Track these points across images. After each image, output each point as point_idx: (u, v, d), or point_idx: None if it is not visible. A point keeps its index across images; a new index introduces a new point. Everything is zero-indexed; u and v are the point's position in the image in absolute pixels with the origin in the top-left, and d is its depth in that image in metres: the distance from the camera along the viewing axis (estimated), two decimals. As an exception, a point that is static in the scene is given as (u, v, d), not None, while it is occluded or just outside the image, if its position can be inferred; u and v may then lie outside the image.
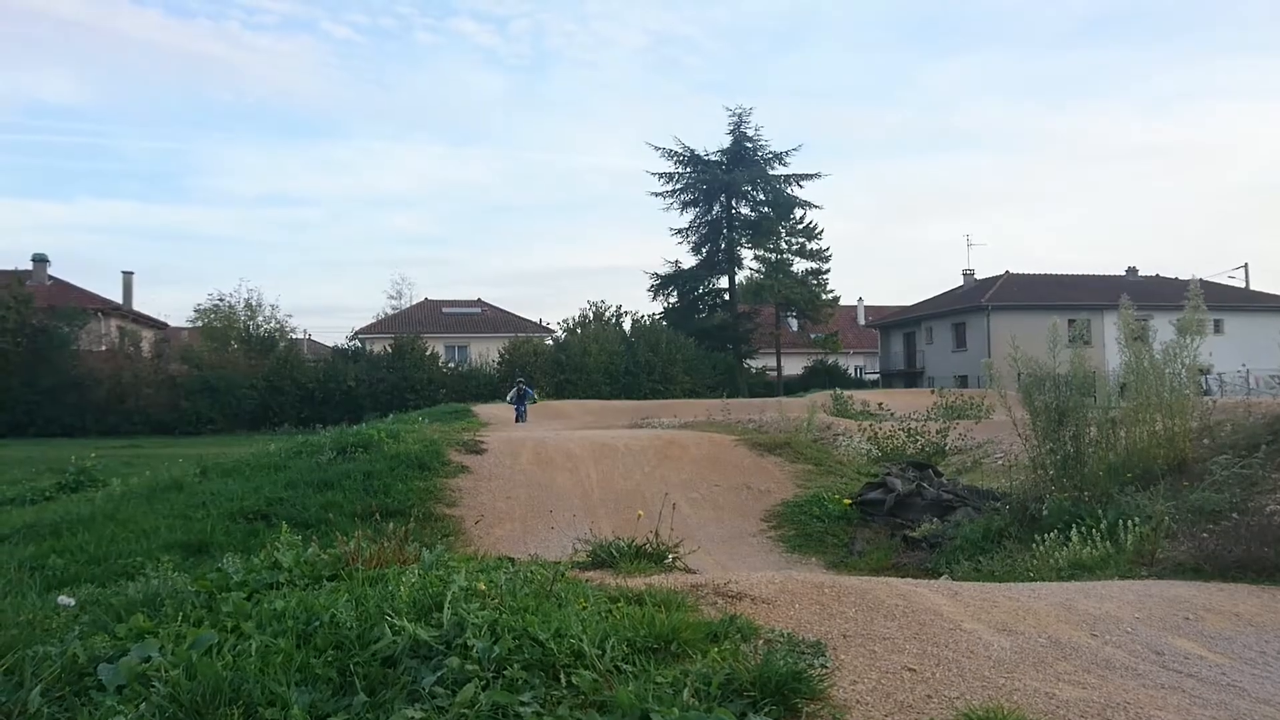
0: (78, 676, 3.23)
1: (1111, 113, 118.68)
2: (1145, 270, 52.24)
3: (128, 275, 48.89)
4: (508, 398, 27.73)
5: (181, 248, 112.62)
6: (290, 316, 61.49)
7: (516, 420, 25.14)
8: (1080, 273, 51.33)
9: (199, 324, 46.59)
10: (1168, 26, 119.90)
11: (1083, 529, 7.11)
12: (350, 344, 47.08)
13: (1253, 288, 51.67)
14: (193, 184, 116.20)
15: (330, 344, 55.71)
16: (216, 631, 3.46)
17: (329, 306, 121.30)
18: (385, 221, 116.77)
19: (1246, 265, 54.38)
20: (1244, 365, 39.91)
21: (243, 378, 37.62)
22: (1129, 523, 6.88)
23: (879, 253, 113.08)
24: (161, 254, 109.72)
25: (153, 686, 3.00)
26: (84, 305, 39.21)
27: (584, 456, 12.47)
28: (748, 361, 50.14)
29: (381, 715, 2.82)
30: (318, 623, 3.44)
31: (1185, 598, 5.07)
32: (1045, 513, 7.84)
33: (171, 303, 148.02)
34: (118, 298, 46.70)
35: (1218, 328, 41.07)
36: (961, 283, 54.33)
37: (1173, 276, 48.17)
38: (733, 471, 12.42)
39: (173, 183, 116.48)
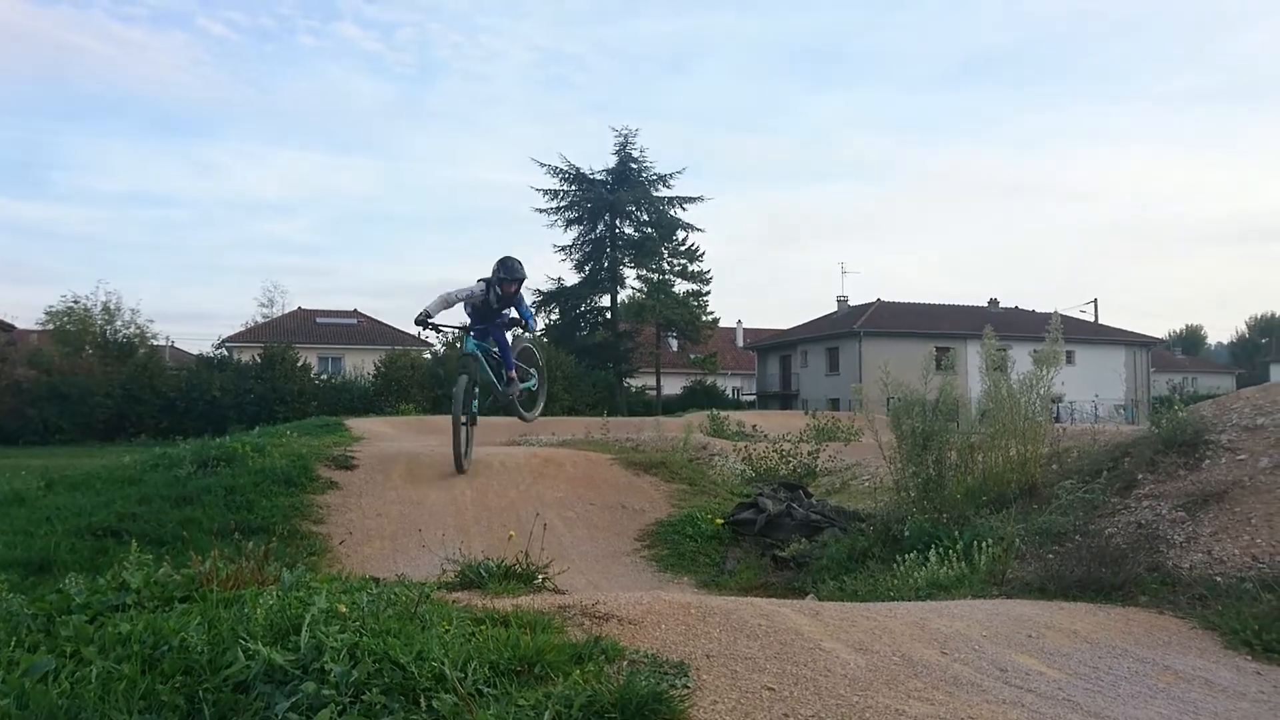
0: (-107, 707, 3.00)
1: (979, 151, 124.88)
2: (1006, 302, 55.15)
3: (-29, 273, 45.88)
4: (424, 322, 11.66)
5: (36, 245, 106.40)
6: (152, 322, 58.44)
7: (456, 408, 11.27)
8: (947, 302, 53.84)
9: (50, 326, 43.88)
10: (1031, 73, 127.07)
11: (941, 550, 7.42)
12: (217, 352, 45.27)
13: (1101, 322, 55.17)
14: (51, 178, 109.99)
15: (196, 352, 53.42)
16: (54, 657, 3.26)
17: (195, 313, 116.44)
18: (259, 227, 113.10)
19: (1096, 300, 58.23)
20: (1095, 395, 42.51)
21: (97, 385, 35.64)
22: (983, 544, 7.21)
23: (759, 276, 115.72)
24: (13, 251, 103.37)
25: (-22, 717, 2.82)
26: (-80, 303, 36.66)
27: (458, 474, 12.27)
28: (628, 380, 50.48)
29: (230, 743, 2.72)
30: (166, 647, 3.28)
31: (1029, 616, 5.35)
32: (906, 534, 8.14)
33: (20, 302, 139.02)
34: (-41, 296, 43.78)
35: (1069, 359, 43.56)
36: (836, 309, 56.16)
37: (1030, 309, 50.95)
38: (609, 490, 12.43)
39: (28, 175, 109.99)
